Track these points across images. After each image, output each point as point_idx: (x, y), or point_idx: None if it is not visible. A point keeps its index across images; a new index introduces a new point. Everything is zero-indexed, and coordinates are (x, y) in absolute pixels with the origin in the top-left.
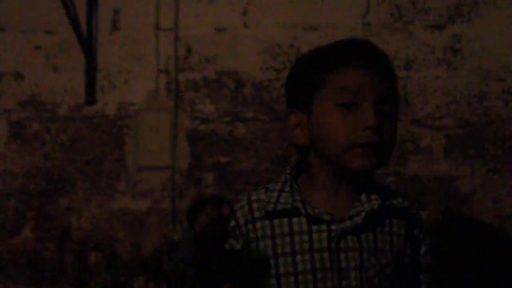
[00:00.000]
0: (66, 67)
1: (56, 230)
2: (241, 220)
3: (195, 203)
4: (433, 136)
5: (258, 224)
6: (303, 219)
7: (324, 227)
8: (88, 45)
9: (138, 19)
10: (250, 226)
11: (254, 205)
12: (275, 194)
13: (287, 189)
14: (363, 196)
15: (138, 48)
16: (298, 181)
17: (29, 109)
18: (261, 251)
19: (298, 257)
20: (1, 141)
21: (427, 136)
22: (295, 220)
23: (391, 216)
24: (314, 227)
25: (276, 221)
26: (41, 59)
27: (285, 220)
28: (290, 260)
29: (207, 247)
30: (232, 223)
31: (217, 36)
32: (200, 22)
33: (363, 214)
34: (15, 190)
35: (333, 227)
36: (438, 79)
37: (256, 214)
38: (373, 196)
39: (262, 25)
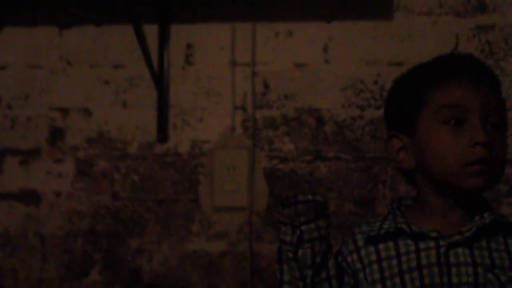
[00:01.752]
0: (136, 103)
1: (126, 273)
2: (346, 252)
3: (290, 197)
4: None
5: (363, 252)
6: (409, 240)
7: (432, 243)
8: (159, 80)
9: (213, 54)
10: (355, 256)
11: (358, 236)
12: (378, 223)
13: (390, 216)
14: (477, 218)
15: (212, 84)
16: (404, 210)
17: (97, 147)
18: (368, 278)
19: (406, 276)
20: (68, 179)
21: None
22: (401, 242)
23: (505, 235)
24: (422, 246)
25: (381, 246)
26: (110, 94)
27: (390, 243)
28: (399, 281)
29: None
30: (339, 259)
31: (297, 72)
32: (278, 57)
33: (473, 228)
34: (82, 231)
35: (442, 242)
36: None
37: (360, 243)
38: (486, 214)
39: (344, 61)
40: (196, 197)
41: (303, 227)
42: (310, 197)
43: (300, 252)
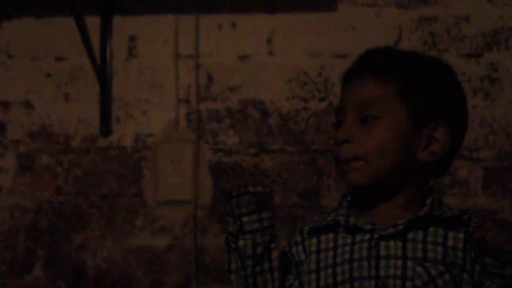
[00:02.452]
0: (79, 96)
1: (69, 269)
2: (292, 243)
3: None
4: (470, 169)
5: (306, 242)
6: (347, 233)
7: (367, 236)
8: (102, 73)
9: (156, 46)
10: (300, 247)
11: (305, 228)
12: (326, 215)
13: (337, 209)
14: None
15: (156, 77)
16: (355, 203)
17: (40, 141)
18: (305, 268)
19: (338, 268)
20: (9, 174)
21: (464, 168)
22: (341, 234)
23: (446, 228)
24: (358, 238)
25: (323, 237)
26: (52, 87)
27: (331, 235)
28: (330, 272)
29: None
30: (286, 249)
31: (240, 64)
32: (221, 49)
33: (404, 220)
34: (24, 226)
35: (376, 235)
36: (475, 109)
37: (305, 234)
38: (425, 207)
39: (288, 53)
40: (140, 191)
41: (244, 218)
42: (252, 188)
43: (241, 243)
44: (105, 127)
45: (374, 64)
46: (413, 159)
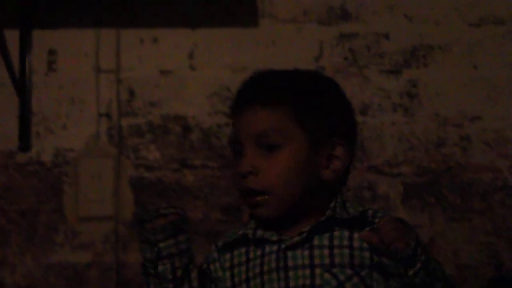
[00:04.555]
0: None
1: None
2: (210, 260)
3: (149, 212)
4: (390, 184)
5: (222, 259)
6: (256, 246)
7: (275, 247)
8: (21, 86)
9: (77, 60)
10: (217, 264)
11: (219, 244)
12: (236, 230)
13: (248, 222)
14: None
15: (76, 91)
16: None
17: None
18: (221, 285)
19: (251, 283)
20: None
21: (384, 183)
22: (252, 248)
23: (351, 229)
24: (267, 250)
25: (235, 252)
26: None
27: (243, 249)
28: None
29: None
30: (204, 266)
31: (162, 79)
32: (143, 64)
33: (308, 227)
34: None
35: (283, 246)
36: (395, 124)
37: (219, 251)
38: (328, 211)
39: (210, 68)
40: (60, 207)
41: (161, 244)
42: (163, 210)
43: (160, 268)
44: (24, 142)
45: (261, 92)
46: (317, 180)
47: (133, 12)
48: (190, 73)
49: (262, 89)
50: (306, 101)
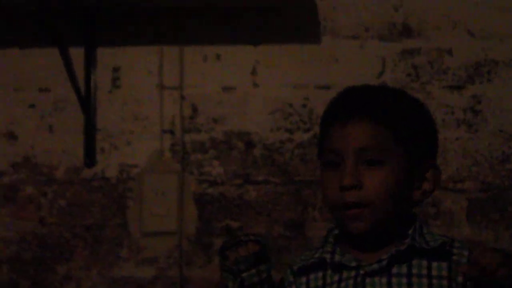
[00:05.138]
0: (63, 127)
1: None
2: (286, 283)
3: (229, 241)
4: (454, 200)
5: (298, 282)
6: (334, 270)
7: (353, 273)
8: (86, 103)
9: (140, 77)
10: (293, 287)
11: (295, 267)
12: (313, 252)
13: (323, 245)
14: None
15: (140, 108)
16: (341, 239)
17: (23, 171)
18: None
19: None
20: None
21: (448, 199)
22: (328, 272)
23: (429, 259)
24: (344, 275)
25: (312, 276)
26: (36, 118)
27: (320, 273)
28: None
29: None
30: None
31: (225, 95)
32: (206, 80)
33: (388, 255)
34: (7, 258)
35: (362, 272)
36: (458, 140)
37: (295, 274)
38: (407, 240)
39: (272, 85)
40: (124, 222)
41: (243, 275)
42: (244, 237)
43: None
44: (89, 158)
45: (369, 107)
46: (409, 200)
47: (196, 29)
48: (252, 89)
49: (369, 103)
50: (410, 123)
